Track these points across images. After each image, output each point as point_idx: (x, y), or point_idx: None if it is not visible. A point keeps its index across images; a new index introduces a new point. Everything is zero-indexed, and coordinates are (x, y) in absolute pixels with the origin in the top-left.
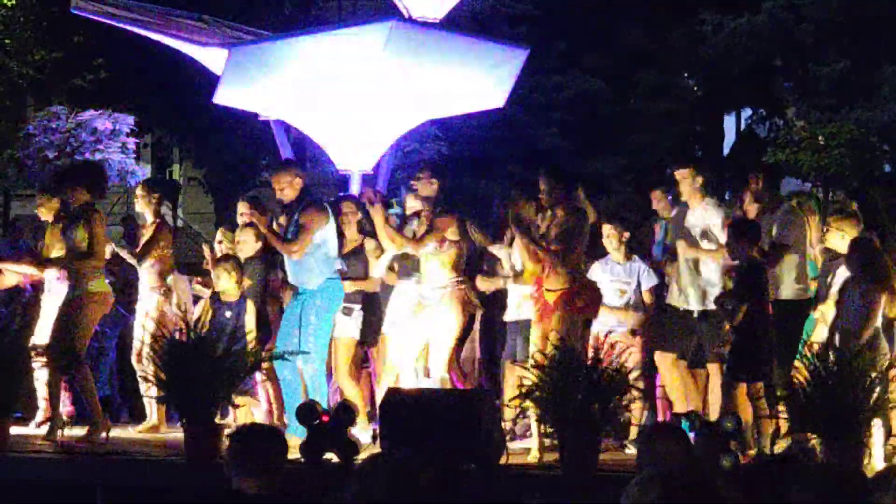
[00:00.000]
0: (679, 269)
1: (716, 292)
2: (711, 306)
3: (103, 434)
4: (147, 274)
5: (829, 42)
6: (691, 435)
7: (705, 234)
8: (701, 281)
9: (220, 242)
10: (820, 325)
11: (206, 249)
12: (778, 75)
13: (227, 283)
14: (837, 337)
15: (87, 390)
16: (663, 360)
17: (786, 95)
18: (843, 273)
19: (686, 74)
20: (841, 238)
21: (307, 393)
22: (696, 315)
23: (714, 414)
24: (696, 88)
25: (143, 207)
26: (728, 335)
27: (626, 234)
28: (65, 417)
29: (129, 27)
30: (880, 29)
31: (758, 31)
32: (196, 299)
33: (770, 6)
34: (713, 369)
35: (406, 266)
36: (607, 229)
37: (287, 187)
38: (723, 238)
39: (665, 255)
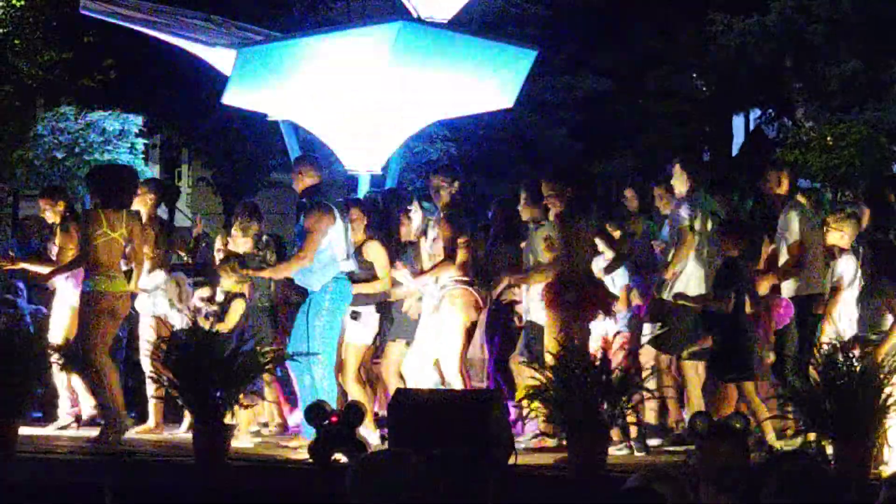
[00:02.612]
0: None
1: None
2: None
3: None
4: (142, 276)
5: (838, 42)
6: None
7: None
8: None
9: (219, 251)
10: (825, 324)
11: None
12: (787, 76)
13: (228, 284)
14: (848, 337)
15: (99, 392)
16: (692, 368)
17: (795, 96)
18: (842, 269)
19: (695, 75)
20: (840, 238)
21: (317, 394)
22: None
23: None
24: (704, 89)
25: (138, 206)
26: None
27: (617, 234)
28: (85, 417)
29: (137, 28)
30: (890, 29)
31: (767, 31)
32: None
33: (780, 6)
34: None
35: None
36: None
37: (296, 179)
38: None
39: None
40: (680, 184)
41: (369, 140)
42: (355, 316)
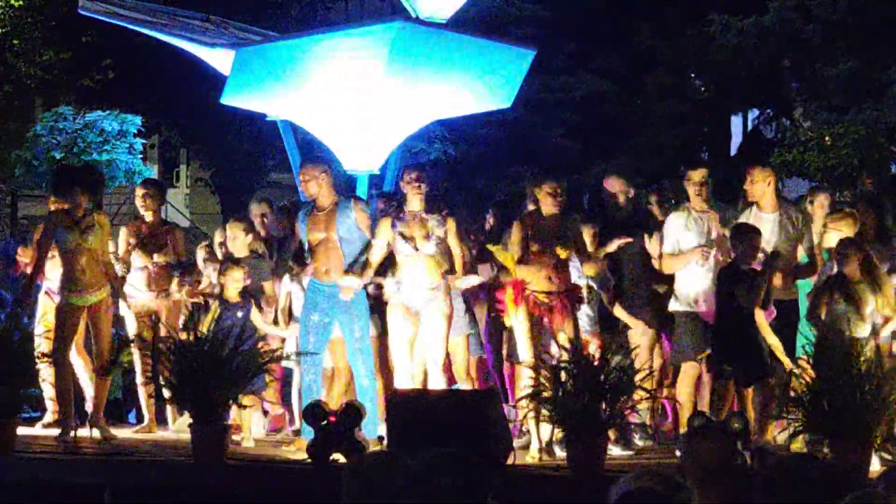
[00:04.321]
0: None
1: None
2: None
3: (70, 434)
4: (142, 276)
5: (836, 42)
6: None
7: None
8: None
9: (220, 244)
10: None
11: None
12: (786, 76)
13: (231, 285)
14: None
15: (60, 388)
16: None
17: (793, 96)
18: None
19: (693, 75)
20: (838, 237)
21: (357, 394)
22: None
23: None
24: (703, 89)
25: (148, 208)
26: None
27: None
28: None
29: (136, 28)
30: (888, 29)
31: (765, 31)
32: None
33: (778, 6)
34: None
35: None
36: (585, 229)
37: (312, 181)
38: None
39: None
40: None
41: (368, 140)
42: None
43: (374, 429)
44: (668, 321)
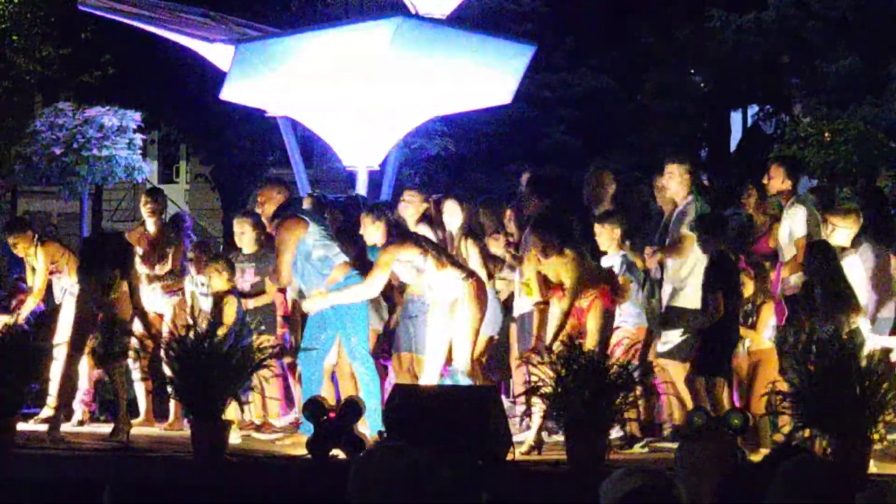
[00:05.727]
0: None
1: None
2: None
3: (58, 431)
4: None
5: (836, 38)
6: None
7: None
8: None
9: (190, 261)
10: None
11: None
12: (785, 72)
13: (218, 283)
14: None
15: (64, 384)
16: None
17: (793, 92)
18: (848, 267)
19: (693, 71)
20: (848, 236)
21: (361, 392)
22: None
23: None
24: (703, 85)
25: (151, 216)
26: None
27: (617, 231)
28: (84, 417)
29: (136, 23)
30: (888, 26)
31: (765, 27)
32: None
33: (777, 2)
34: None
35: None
36: (598, 228)
37: (268, 202)
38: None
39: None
40: (678, 185)
41: (368, 136)
42: None
43: (375, 425)
44: None
